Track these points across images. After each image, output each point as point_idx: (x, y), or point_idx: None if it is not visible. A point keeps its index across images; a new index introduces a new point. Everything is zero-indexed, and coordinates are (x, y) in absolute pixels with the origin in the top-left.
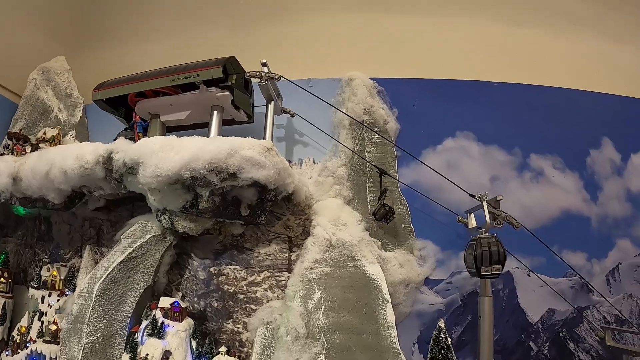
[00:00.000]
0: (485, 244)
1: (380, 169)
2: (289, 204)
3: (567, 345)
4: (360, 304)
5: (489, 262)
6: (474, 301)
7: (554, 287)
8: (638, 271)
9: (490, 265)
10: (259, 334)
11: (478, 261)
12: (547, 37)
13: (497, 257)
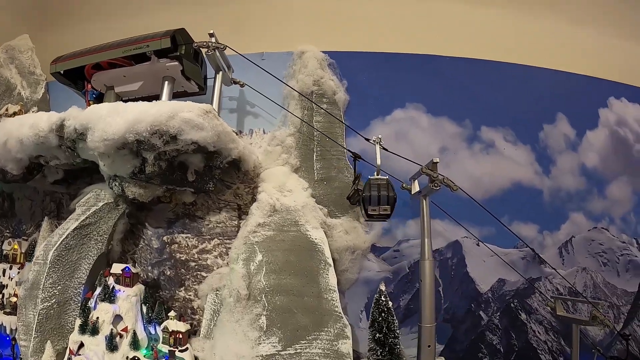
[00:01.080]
0: (375, 185)
1: (354, 153)
2: (239, 173)
3: (518, 315)
4: (302, 267)
5: (377, 203)
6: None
7: (504, 257)
8: (592, 245)
9: (379, 205)
10: (209, 301)
11: (366, 201)
12: (502, 14)
13: (387, 200)
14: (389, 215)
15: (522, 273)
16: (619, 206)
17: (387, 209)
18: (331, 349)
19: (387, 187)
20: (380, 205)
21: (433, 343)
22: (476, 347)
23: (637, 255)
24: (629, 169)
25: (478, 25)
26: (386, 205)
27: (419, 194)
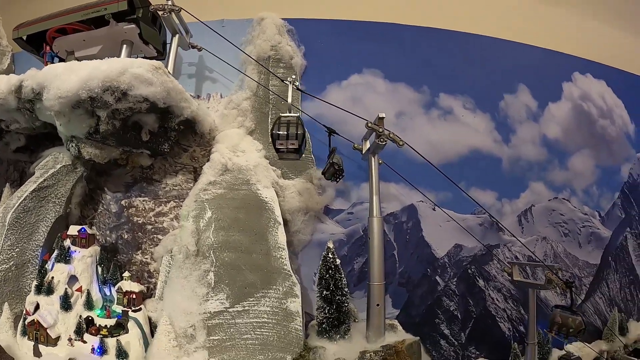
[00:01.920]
0: (285, 122)
1: (329, 128)
2: (195, 136)
3: (476, 282)
4: (251, 224)
5: (286, 137)
6: None
7: (462, 223)
8: (553, 215)
9: (287, 140)
10: (164, 262)
11: (274, 137)
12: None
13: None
14: (298, 150)
15: (480, 239)
16: (581, 178)
17: (295, 143)
18: (280, 307)
19: (296, 123)
20: (289, 140)
21: (382, 302)
22: (433, 312)
23: (599, 228)
24: (592, 142)
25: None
26: (294, 140)
27: (368, 152)
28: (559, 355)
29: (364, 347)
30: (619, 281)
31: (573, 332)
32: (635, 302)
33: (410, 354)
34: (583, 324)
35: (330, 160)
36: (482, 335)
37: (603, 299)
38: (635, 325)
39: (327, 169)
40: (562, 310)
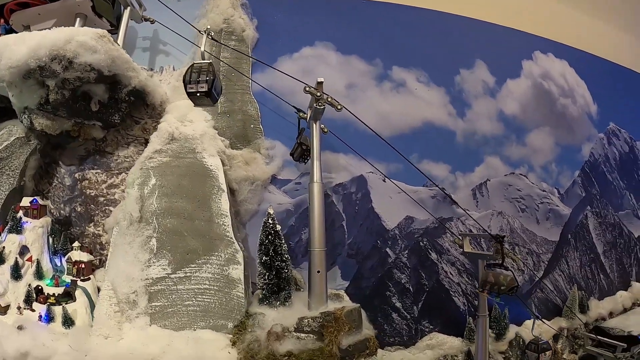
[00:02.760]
0: (197, 68)
1: (296, 108)
2: (147, 108)
3: (428, 255)
4: (194, 191)
5: (197, 82)
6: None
7: (413, 195)
8: (509, 190)
9: (197, 84)
10: (114, 233)
11: (185, 82)
12: None
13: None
14: (208, 92)
15: (432, 212)
16: (539, 155)
17: (204, 87)
18: (222, 274)
19: (207, 70)
20: (199, 84)
21: (323, 268)
22: (383, 284)
23: (558, 205)
24: (552, 120)
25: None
26: (204, 83)
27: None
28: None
29: (304, 314)
30: (579, 259)
31: (505, 290)
32: (596, 280)
33: (350, 321)
34: (515, 281)
35: (298, 141)
36: (435, 309)
37: (562, 276)
38: (596, 304)
39: (295, 149)
40: (494, 268)
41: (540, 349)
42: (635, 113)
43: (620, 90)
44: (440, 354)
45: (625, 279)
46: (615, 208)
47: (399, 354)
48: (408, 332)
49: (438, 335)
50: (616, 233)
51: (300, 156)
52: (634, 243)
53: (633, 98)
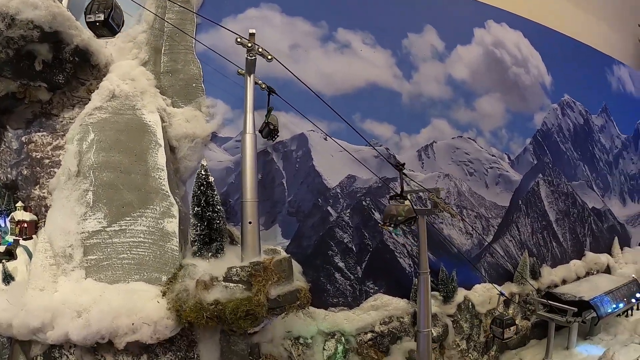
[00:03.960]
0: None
1: (269, 87)
2: (93, 70)
3: (371, 214)
4: (132, 146)
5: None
6: (265, 159)
7: (355, 154)
8: (457, 153)
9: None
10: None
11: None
12: None
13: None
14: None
15: (376, 172)
16: (489, 120)
17: (101, 16)
18: (156, 227)
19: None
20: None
21: (255, 220)
22: (325, 243)
23: (508, 171)
24: (503, 87)
25: None
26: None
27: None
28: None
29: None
30: (531, 226)
31: (402, 219)
32: (549, 248)
33: (280, 271)
34: (413, 211)
35: (266, 120)
36: (380, 270)
37: (513, 241)
38: (549, 271)
39: (263, 128)
40: (394, 200)
41: (505, 324)
42: (591, 88)
43: (576, 65)
44: (385, 315)
45: (579, 248)
46: (569, 178)
47: (343, 315)
48: (352, 292)
49: (383, 297)
50: (569, 202)
51: (268, 134)
52: (588, 214)
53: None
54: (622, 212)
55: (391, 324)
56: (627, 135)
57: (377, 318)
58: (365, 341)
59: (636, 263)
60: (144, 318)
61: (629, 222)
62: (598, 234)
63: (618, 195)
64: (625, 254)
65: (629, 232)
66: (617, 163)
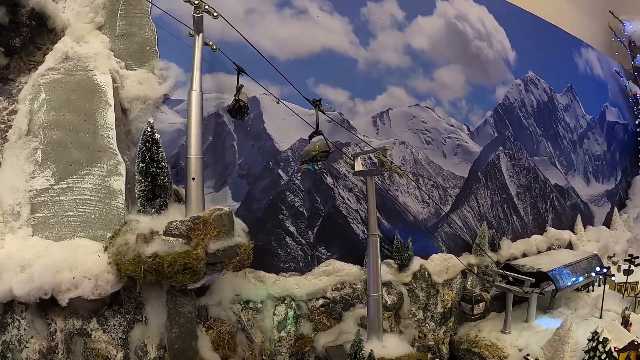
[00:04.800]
0: None
1: (238, 66)
2: (50, 34)
3: (323, 179)
4: (82, 105)
5: None
6: (216, 121)
7: (308, 118)
8: (414, 121)
9: None
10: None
11: None
12: None
13: None
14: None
15: (328, 136)
16: (448, 90)
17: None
18: (103, 184)
19: None
20: None
21: (198, 176)
22: (276, 207)
23: (467, 142)
24: (464, 60)
25: None
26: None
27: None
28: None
29: None
30: (490, 198)
31: (317, 153)
32: (509, 221)
33: (219, 225)
34: (327, 145)
35: (236, 97)
36: (332, 236)
37: (472, 213)
38: (508, 244)
39: (233, 106)
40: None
41: (474, 301)
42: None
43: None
44: (337, 280)
45: (541, 223)
46: (531, 153)
47: (294, 280)
48: (304, 258)
49: (335, 262)
50: (531, 177)
51: (237, 112)
52: (550, 190)
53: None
54: (586, 191)
55: (343, 291)
56: (593, 117)
57: (329, 284)
58: (317, 307)
59: (599, 241)
60: (85, 272)
61: (593, 201)
62: (560, 211)
63: (582, 174)
64: (589, 232)
65: (592, 212)
66: (581, 142)
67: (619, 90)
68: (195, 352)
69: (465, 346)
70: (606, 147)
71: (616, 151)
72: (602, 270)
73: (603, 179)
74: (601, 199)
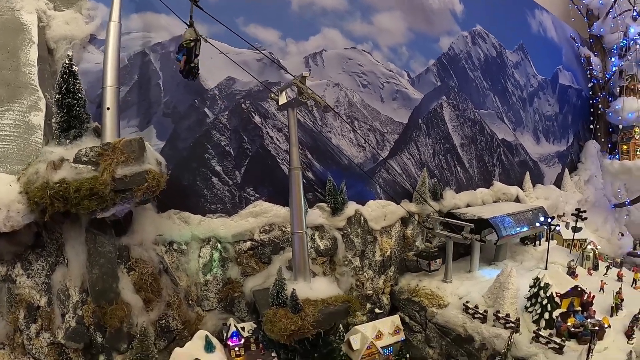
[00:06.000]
0: None
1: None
2: None
3: (251, 118)
4: (6, 43)
5: None
6: (142, 60)
7: (237, 57)
8: (349, 64)
9: None
10: None
11: None
12: None
13: None
14: None
15: (258, 75)
16: (387, 35)
17: None
18: (22, 120)
19: None
20: None
21: (114, 106)
22: (201, 146)
23: (407, 88)
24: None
25: None
26: None
27: None
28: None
29: None
30: (432, 146)
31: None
32: (453, 172)
33: (128, 151)
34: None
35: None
36: (261, 176)
37: (412, 160)
38: (452, 194)
39: (184, 67)
40: None
41: (430, 257)
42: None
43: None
44: (264, 222)
45: (488, 177)
46: (477, 105)
47: (220, 221)
48: (231, 199)
49: (263, 204)
50: (476, 129)
51: (189, 72)
52: (498, 144)
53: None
54: (536, 149)
55: (272, 233)
56: (545, 78)
57: (257, 225)
58: (245, 250)
59: (548, 199)
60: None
61: (543, 160)
62: (508, 167)
63: (531, 132)
64: (538, 190)
65: (542, 171)
66: (531, 101)
67: (574, 56)
68: (117, 294)
69: (406, 296)
70: (558, 109)
71: (569, 114)
72: (547, 220)
73: (554, 140)
74: (552, 159)
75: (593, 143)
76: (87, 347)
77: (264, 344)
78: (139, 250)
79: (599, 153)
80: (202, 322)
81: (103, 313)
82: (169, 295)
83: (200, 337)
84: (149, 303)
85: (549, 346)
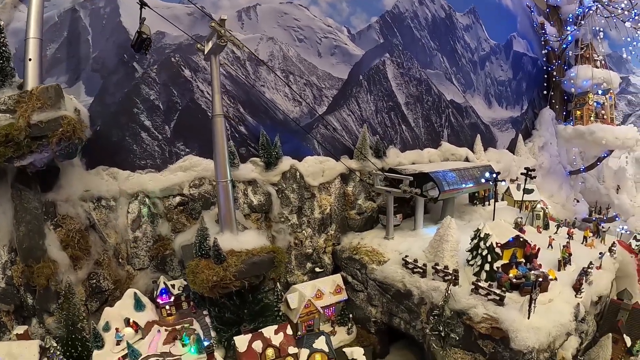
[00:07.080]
0: None
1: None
2: None
3: (181, 71)
4: None
5: None
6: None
7: (167, 11)
8: (285, 18)
9: None
10: None
11: None
12: None
13: None
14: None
15: (188, 30)
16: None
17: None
18: None
19: None
20: None
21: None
22: (130, 101)
23: (347, 44)
24: None
25: None
26: None
27: None
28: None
29: None
30: (375, 103)
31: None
32: (397, 130)
33: (45, 98)
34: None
35: (138, 30)
36: (191, 131)
37: (353, 117)
38: (396, 152)
39: (136, 40)
40: None
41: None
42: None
43: None
44: (194, 176)
45: (436, 138)
46: (423, 65)
47: (149, 176)
48: (161, 154)
49: (193, 158)
50: (422, 89)
51: (140, 45)
52: (446, 105)
53: None
54: (487, 113)
55: (202, 188)
56: (498, 43)
57: (185, 179)
58: (175, 206)
59: (500, 162)
60: None
61: (495, 125)
62: (458, 128)
63: (482, 95)
64: (489, 153)
65: (494, 135)
66: (483, 65)
67: (530, 25)
68: (43, 251)
69: (347, 254)
70: (512, 75)
71: (523, 81)
72: (492, 175)
73: (507, 105)
74: (505, 124)
75: (548, 110)
76: (18, 308)
77: (195, 302)
78: (66, 206)
79: (554, 120)
80: (134, 281)
81: (31, 272)
82: (97, 253)
83: (129, 296)
84: (77, 261)
85: (489, 298)
